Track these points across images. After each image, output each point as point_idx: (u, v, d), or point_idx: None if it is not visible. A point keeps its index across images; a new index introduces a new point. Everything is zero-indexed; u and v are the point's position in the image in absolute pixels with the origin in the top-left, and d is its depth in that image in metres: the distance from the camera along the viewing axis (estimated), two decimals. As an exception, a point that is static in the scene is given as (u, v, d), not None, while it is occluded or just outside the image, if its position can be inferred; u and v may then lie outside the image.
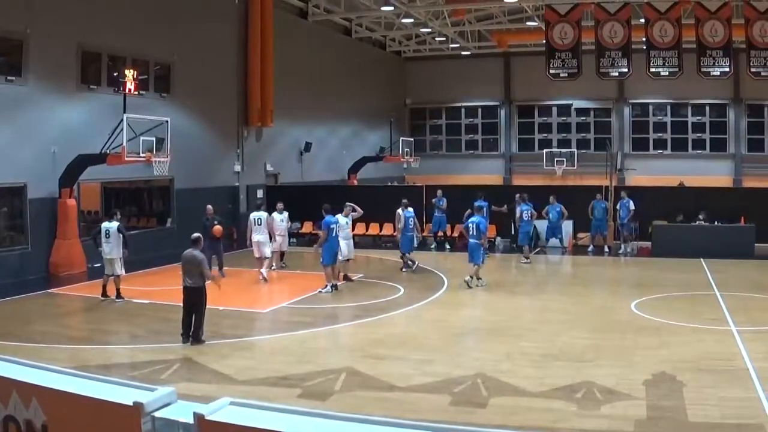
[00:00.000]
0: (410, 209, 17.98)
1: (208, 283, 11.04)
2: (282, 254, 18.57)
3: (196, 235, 11.36)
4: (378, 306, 13.81)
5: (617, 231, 21.69)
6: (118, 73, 18.81)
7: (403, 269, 17.77)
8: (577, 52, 23.14)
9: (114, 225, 14.22)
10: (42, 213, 17.11)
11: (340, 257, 15.66)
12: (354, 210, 16.78)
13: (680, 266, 17.95)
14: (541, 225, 21.65)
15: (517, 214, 20.21)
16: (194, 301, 10.84)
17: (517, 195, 20.57)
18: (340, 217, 15.85)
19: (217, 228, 16.37)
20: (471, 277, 15.55)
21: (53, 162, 17.24)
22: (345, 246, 15.89)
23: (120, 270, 14.11)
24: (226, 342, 10.95)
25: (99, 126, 17.45)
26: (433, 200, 22.11)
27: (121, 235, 14.16)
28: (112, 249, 14.06)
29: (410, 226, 17.70)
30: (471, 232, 15.71)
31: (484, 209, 20.72)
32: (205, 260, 10.99)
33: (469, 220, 16.13)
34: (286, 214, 18.04)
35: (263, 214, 17.15)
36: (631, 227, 21.02)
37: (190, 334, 10.80)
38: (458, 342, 11.50)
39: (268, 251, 17.00)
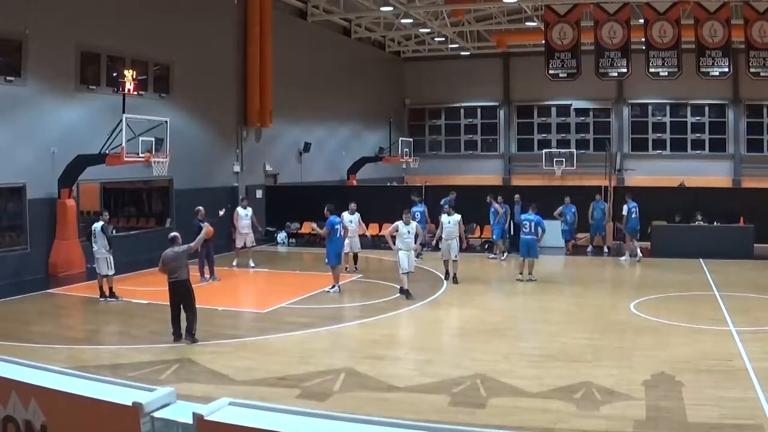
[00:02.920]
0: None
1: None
2: (355, 256, 17.87)
3: (172, 234, 11.53)
4: (377, 306, 13.79)
5: (616, 232, 21.73)
6: (117, 74, 18.81)
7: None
8: (576, 52, 23.14)
9: (99, 225, 14.29)
10: (41, 213, 17.10)
11: (401, 271, 14.58)
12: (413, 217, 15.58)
13: (679, 266, 17.94)
14: (550, 226, 21.37)
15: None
16: (183, 294, 10.90)
17: (489, 195, 20.66)
18: (400, 224, 14.71)
19: (209, 229, 16.34)
20: (522, 272, 16.40)
21: (52, 162, 17.23)
22: (405, 258, 14.53)
23: (107, 270, 14.02)
24: (226, 342, 10.95)
25: (98, 126, 17.44)
26: (443, 201, 21.46)
27: (104, 235, 14.15)
28: (98, 248, 14.11)
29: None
30: (530, 229, 16.41)
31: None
32: (186, 248, 11.19)
33: (524, 217, 16.85)
34: (357, 215, 17.57)
35: (240, 211, 18.41)
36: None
37: (185, 329, 10.85)
38: (457, 342, 11.51)
39: (248, 241, 18.33)
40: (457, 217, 16.46)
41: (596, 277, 17.96)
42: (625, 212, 19.42)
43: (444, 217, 16.60)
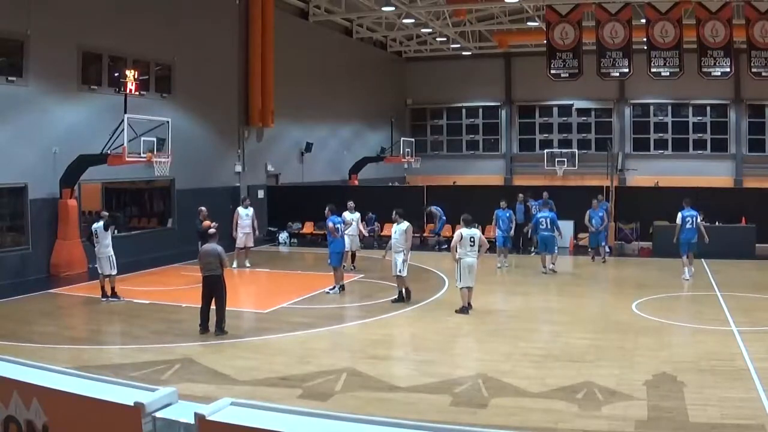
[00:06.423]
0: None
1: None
2: (353, 255, 18.05)
3: (211, 230, 12.17)
4: (379, 306, 13.79)
5: (618, 232, 21.68)
6: (118, 74, 18.81)
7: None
8: (577, 52, 23.11)
9: (100, 224, 14.36)
10: (43, 213, 17.12)
11: (462, 283, 13.19)
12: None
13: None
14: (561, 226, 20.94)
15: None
16: (214, 288, 11.26)
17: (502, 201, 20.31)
18: (465, 230, 13.26)
19: (206, 222, 16.34)
20: (545, 266, 17.62)
21: (54, 162, 17.25)
22: (468, 271, 13.05)
23: (109, 269, 14.07)
24: (227, 342, 10.96)
25: (100, 126, 17.46)
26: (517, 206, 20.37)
27: (107, 233, 14.25)
28: (100, 248, 14.17)
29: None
30: (545, 226, 17.77)
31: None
32: (223, 251, 11.51)
33: (540, 215, 18.22)
34: (357, 214, 17.81)
35: (241, 210, 18.71)
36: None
37: (216, 323, 11.18)
38: (459, 342, 11.51)
39: (249, 241, 18.68)
40: (404, 225, 14.18)
41: (598, 277, 17.95)
42: (679, 221, 16.95)
43: (394, 226, 14.47)
